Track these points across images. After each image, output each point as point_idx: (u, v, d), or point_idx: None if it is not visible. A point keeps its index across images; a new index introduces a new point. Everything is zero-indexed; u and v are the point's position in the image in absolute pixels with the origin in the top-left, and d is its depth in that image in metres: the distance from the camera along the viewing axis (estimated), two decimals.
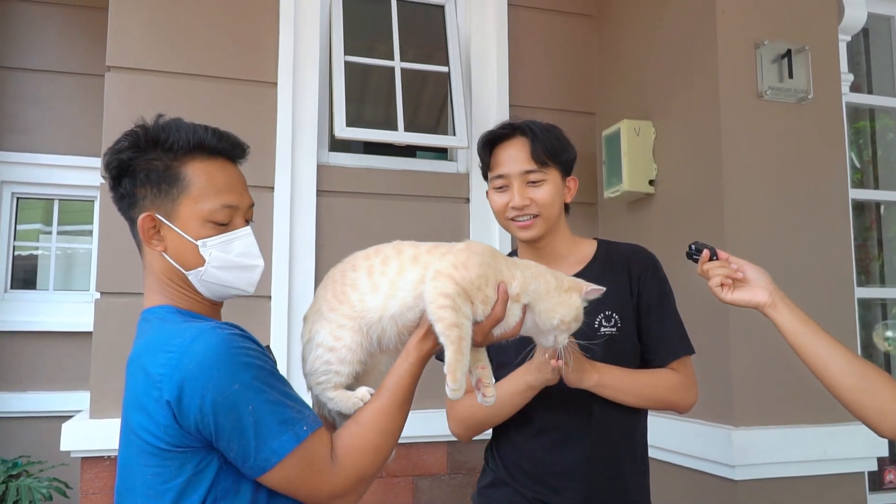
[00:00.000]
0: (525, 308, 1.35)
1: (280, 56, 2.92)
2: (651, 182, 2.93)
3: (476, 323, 1.32)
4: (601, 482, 1.73)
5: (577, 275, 1.82)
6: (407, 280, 1.31)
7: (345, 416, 1.36)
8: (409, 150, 3.27)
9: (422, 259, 1.33)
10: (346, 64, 2.99)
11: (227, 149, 1.36)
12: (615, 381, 1.72)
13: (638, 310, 1.80)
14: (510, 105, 3.21)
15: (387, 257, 1.35)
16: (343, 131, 2.89)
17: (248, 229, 1.36)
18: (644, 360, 1.84)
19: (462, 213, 3.13)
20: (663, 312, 1.82)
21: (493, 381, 1.39)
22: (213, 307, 1.39)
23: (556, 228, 1.84)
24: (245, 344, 1.23)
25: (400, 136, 2.99)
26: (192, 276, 1.33)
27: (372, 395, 1.34)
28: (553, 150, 1.78)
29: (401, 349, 1.36)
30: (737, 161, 2.57)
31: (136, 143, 1.34)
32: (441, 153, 3.30)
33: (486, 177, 1.87)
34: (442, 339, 1.27)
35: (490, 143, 1.85)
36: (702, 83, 2.68)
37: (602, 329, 1.76)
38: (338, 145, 3.08)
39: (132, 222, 1.36)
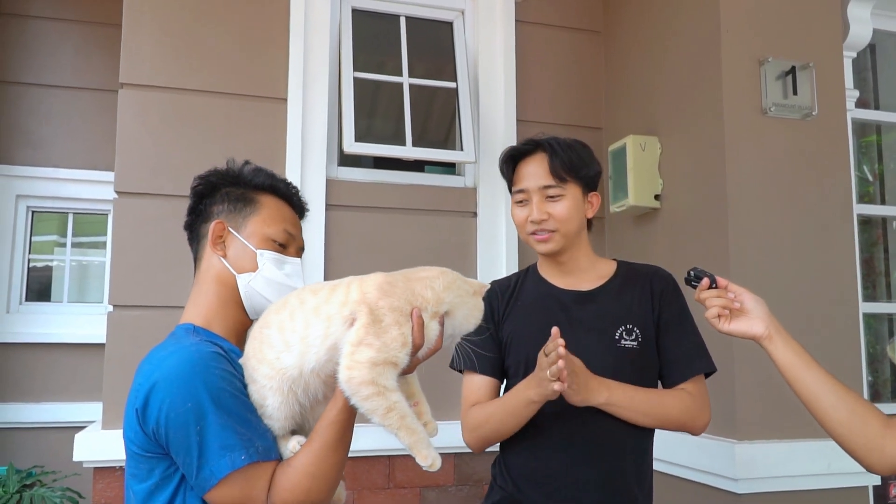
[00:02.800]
0: (443, 318, 1.34)
1: (290, 72, 2.95)
2: (657, 197, 2.95)
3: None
4: (613, 498, 1.74)
5: (599, 289, 1.86)
6: (315, 335, 1.28)
7: None
8: (418, 165, 3.28)
9: (322, 311, 1.30)
10: (356, 80, 3.02)
11: (294, 197, 1.56)
12: (626, 400, 1.72)
13: (658, 326, 1.82)
14: (517, 120, 3.22)
15: (293, 311, 1.32)
16: (352, 146, 2.91)
17: (299, 259, 1.51)
18: (661, 376, 1.85)
19: (469, 227, 3.15)
20: (682, 329, 1.83)
21: (430, 414, 1.38)
22: (238, 325, 1.48)
23: (577, 243, 1.87)
24: (216, 364, 1.30)
25: (408, 151, 3.01)
26: (242, 279, 1.45)
27: (302, 443, 1.35)
28: (572, 166, 1.81)
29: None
30: (741, 176, 2.59)
31: (223, 174, 1.53)
32: (449, 168, 3.32)
33: (511, 191, 1.90)
34: (385, 428, 1.26)
35: (513, 159, 1.89)
36: (707, 99, 2.70)
37: (623, 342, 1.78)
38: (347, 160, 3.10)
39: (197, 236, 1.52)
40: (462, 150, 3.12)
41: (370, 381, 1.24)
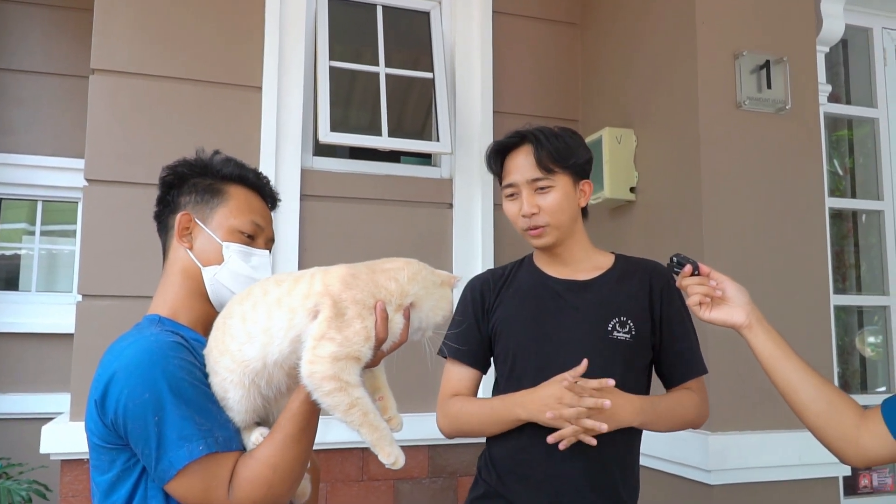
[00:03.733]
0: (408, 311, 1.32)
1: (265, 60, 2.92)
2: (632, 189, 2.95)
3: None
4: (597, 494, 1.74)
5: (594, 280, 1.86)
6: (277, 327, 1.26)
7: None
8: (394, 156, 3.26)
9: (285, 303, 1.27)
10: (332, 69, 2.99)
11: (264, 188, 1.55)
12: (654, 416, 1.74)
13: (659, 323, 1.82)
14: (494, 111, 3.22)
15: (256, 302, 1.30)
16: (327, 136, 2.89)
17: (267, 252, 1.50)
18: (662, 374, 1.86)
19: (445, 218, 3.14)
20: (685, 329, 1.84)
21: (396, 409, 1.37)
22: (205, 317, 1.46)
23: (572, 234, 1.86)
24: (176, 353, 1.28)
25: (384, 142, 2.99)
26: (208, 272, 1.44)
27: (265, 435, 1.33)
28: (559, 156, 1.79)
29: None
30: (715, 169, 2.59)
31: (192, 165, 1.52)
32: (425, 158, 3.31)
33: (501, 185, 1.89)
34: (347, 425, 1.24)
35: (499, 153, 1.88)
36: (682, 92, 2.71)
37: (615, 334, 1.77)
38: (322, 150, 3.08)
39: (166, 227, 1.51)
40: (438, 140, 3.10)
41: (332, 377, 1.22)
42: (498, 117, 3.23)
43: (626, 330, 1.78)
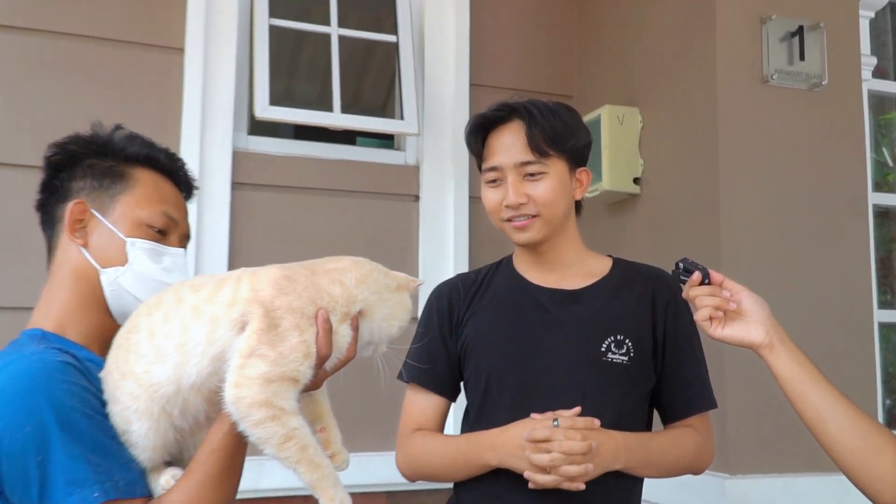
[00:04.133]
0: (357, 320, 1.32)
1: (189, 17, 2.88)
2: (636, 180, 2.94)
3: None
4: None
5: (586, 289, 1.85)
6: (194, 342, 1.25)
7: None
8: (348, 137, 3.25)
9: (205, 312, 1.26)
10: (272, 28, 2.97)
11: (178, 172, 1.53)
12: (643, 459, 1.74)
13: (662, 344, 1.82)
14: (471, 84, 3.21)
15: (168, 312, 1.28)
16: (266, 111, 2.86)
17: (182, 251, 1.49)
18: (661, 405, 1.86)
19: (410, 213, 3.12)
20: (692, 354, 1.85)
21: (341, 443, 1.36)
22: (102, 331, 1.42)
23: (563, 231, 1.85)
24: (65, 377, 1.24)
25: (336, 119, 2.97)
26: (107, 275, 1.41)
27: (178, 477, 1.30)
28: (556, 137, 1.78)
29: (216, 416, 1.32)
30: (737, 157, 2.59)
31: (87, 142, 1.48)
32: (386, 141, 3.29)
33: (480, 168, 1.88)
34: (281, 461, 1.22)
35: (482, 129, 1.85)
36: (698, 64, 2.70)
37: (610, 356, 1.77)
38: (259, 128, 3.06)
39: (52, 219, 1.47)
40: (402, 119, 3.09)
41: (263, 403, 1.20)
42: (476, 92, 3.21)
43: (624, 351, 1.77)
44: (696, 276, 1.54)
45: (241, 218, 2.94)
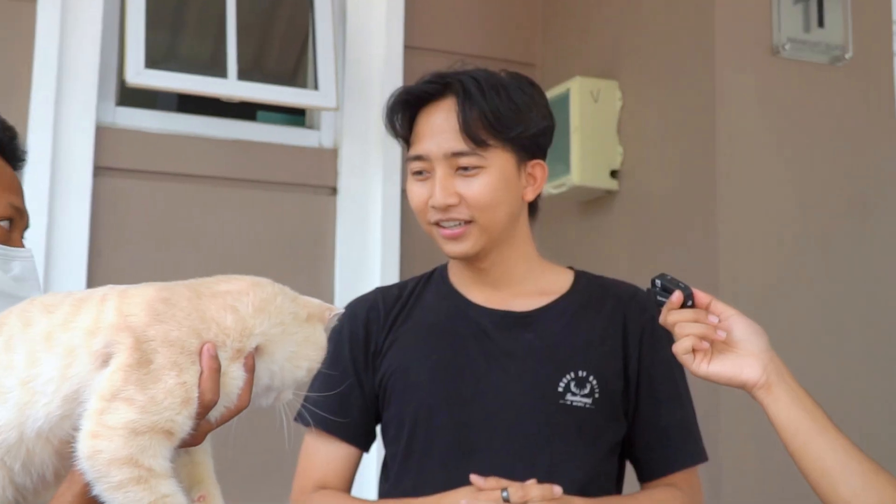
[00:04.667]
0: (253, 359, 1.30)
1: None
2: (613, 173, 2.96)
3: None
4: None
5: (540, 311, 1.84)
6: (44, 378, 1.22)
7: None
8: (246, 110, 3.23)
9: (58, 340, 1.25)
10: None
11: (6, 144, 1.50)
12: None
13: (636, 383, 1.83)
14: (405, 46, 3.21)
15: (11, 338, 1.26)
16: (140, 75, 2.85)
17: (31, 254, 1.47)
18: (636, 459, 1.87)
19: (326, 209, 3.12)
20: (675, 394, 1.86)
21: None
22: None
23: (509, 241, 1.84)
24: None
25: (231, 87, 2.97)
26: None
27: None
28: (499, 122, 1.76)
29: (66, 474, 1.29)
30: (739, 145, 2.62)
31: None
32: (296, 116, 3.28)
33: (408, 155, 1.87)
34: None
35: (407, 105, 1.84)
36: (691, 29, 2.73)
37: (569, 397, 1.77)
38: (131, 97, 3.03)
39: None
40: (317, 89, 3.09)
41: (127, 460, 1.18)
42: (412, 56, 3.22)
43: (587, 391, 1.77)
44: (677, 296, 1.53)
45: (104, 213, 2.91)
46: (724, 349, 1.52)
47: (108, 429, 1.18)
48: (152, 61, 2.90)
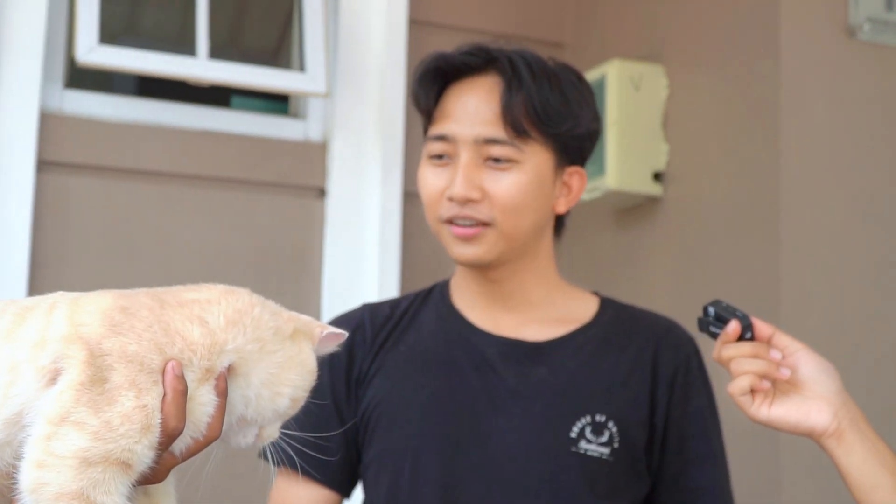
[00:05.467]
0: (225, 379, 1.30)
1: None
2: (657, 176, 2.96)
3: None
4: None
5: (557, 342, 1.85)
6: None
7: None
8: (220, 95, 3.25)
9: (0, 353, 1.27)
10: None
11: None
12: None
13: (662, 434, 1.84)
14: (410, 20, 3.22)
15: None
16: (93, 52, 2.86)
17: None
18: None
19: (312, 214, 3.14)
20: (708, 453, 1.87)
21: None
22: None
23: (528, 256, 1.85)
24: None
25: (201, 68, 2.98)
26: None
27: None
28: (547, 113, 1.78)
29: None
30: (808, 141, 2.62)
31: None
32: (278, 103, 3.30)
33: (425, 132, 1.88)
34: None
35: (439, 76, 1.85)
36: (752, 5, 2.74)
37: (583, 445, 1.78)
38: (83, 79, 3.05)
39: None
40: (303, 70, 3.09)
41: (76, 495, 1.18)
42: (417, 33, 3.23)
43: (605, 439, 1.78)
44: (733, 327, 1.53)
45: (49, 215, 2.92)
46: (788, 390, 1.53)
47: (55, 458, 1.19)
48: (108, 36, 2.91)
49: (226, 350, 1.29)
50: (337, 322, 1.94)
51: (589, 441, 1.77)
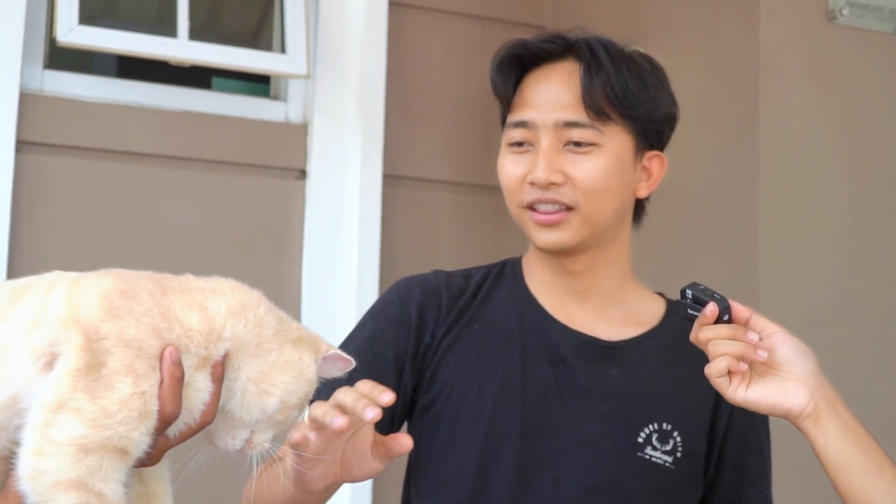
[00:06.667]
0: (221, 367, 1.30)
1: None
2: None
3: None
4: None
5: (631, 344, 1.86)
6: None
7: None
8: (200, 77, 3.25)
9: None
10: None
11: None
12: None
13: (720, 448, 1.85)
14: (390, 3, 3.21)
15: None
16: (73, 33, 2.84)
17: None
18: None
19: (292, 196, 3.14)
20: (763, 472, 1.89)
21: None
22: None
23: (609, 245, 1.86)
24: None
25: (181, 48, 2.98)
26: None
27: None
28: (626, 96, 1.77)
29: None
30: (786, 126, 2.62)
31: None
32: (258, 85, 3.30)
33: (503, 122, 1.87)
34: None
35: (519, 62, 1.84)
36: None
37: (648, 451, 1.79)
38: (63, 59, 3.03)
39: None
40: (283, 52, 3.10)
41: (74, 483, 1.19)
42: (398, 14, 3.23)
43: (669, 447, 1.78)
44: (711, 309, 1.54)
45: (28, 196, 2.91)
46: (765, 372, 1.54)
47: (53, 445, 1.19)
48: (88, 16, 2.90)
49: (222, 338, 1.30)
50: (408, 281, 1.92)
51: (655, 448, 1.78)
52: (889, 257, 2.68)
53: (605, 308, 1.87)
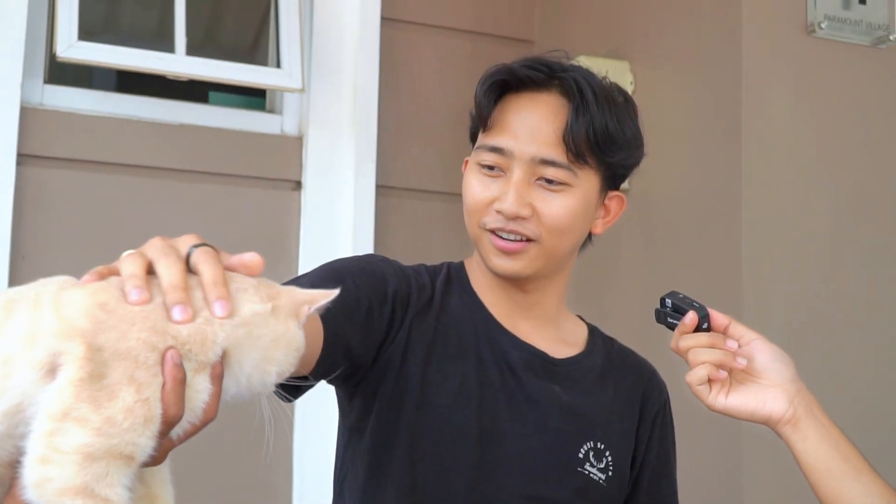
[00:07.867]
0: (220, 367, 1.28)
1: None
2: None
3: None
4: None
5: (571, 362, 1.84)
6: None
7: None
8: (197, 91, 3.25)
9: None
10: None
11: None
12: None
13: (639, 469, 1.87)
14: (382, 18, 3.21)
15: None
16: (73, 48, 2.84)
17: None
18: None
19: (288, 207, 3.14)
20: (674, 489, 1.92)
21: None
22: None
23: (557, 273, 1.84)
24: None
25: (179, 63, 2.98)
26: None
27: None
28: (606, 140, 1.72)
29: None
30: (768, 136, 2.62)
31: None
32: (254, 98, 3.30)
33: (473, 138, 1.83)
34: None
35: (501, 87, 1.78)
36: (715, 4, 2.74)
37: (587, 467, 1.78)
38: (63, 74, 3.03)
39: None
40: (279, 66, 3.09)
41: (81, 490, 1.18)
42: (390, 30, 3.23)
43: (603, 465, 1.78)
44: (690, 317, 1.54)
45: (29, 208, 2.91)
46: (744, 379, 1.54)
47: (58, 453, 1.19)
48: (87, 32, 2.90)
49: (216, 342, 1.27)
50: (421, 267, 1.90)
51: (592, 465, 1.78)
52: (871, 267, 2.68)
53: (545, 327, 1.86)
